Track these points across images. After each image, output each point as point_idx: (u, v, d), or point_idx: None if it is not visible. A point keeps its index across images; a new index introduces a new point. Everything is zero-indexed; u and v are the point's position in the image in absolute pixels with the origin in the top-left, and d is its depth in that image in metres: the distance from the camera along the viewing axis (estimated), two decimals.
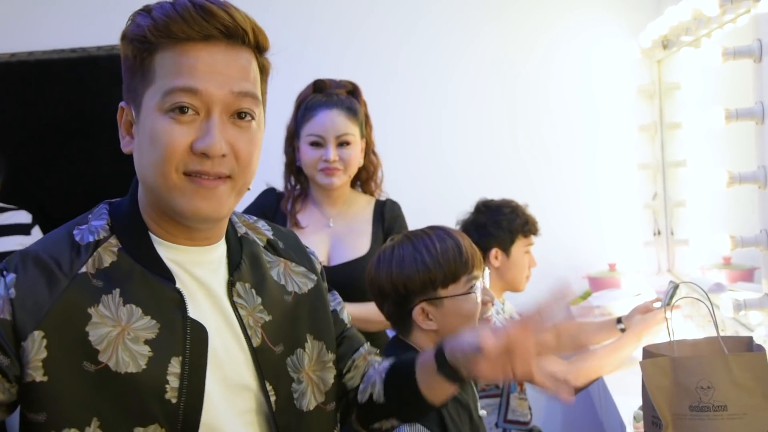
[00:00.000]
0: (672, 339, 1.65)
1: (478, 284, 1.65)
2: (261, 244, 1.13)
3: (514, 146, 3.42)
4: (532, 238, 2.45)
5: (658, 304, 2.36)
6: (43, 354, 0.91)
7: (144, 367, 0.94)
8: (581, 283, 3.37)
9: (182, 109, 0.96)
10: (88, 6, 3.49)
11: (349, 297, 2.07)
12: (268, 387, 1.04)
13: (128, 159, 1.07)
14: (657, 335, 2.27)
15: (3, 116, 3.59)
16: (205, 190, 0.96)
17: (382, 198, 2.22)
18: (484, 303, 1.66)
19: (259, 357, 1.03)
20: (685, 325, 2.43)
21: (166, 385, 0.96)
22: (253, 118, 1.02)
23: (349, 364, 1.18)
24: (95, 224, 1.01)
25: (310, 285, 1.14)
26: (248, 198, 2.17)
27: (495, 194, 2.53)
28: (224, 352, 1.01)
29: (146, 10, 1.00)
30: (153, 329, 0.96)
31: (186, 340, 0.97)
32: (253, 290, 1.07)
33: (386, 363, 1.15)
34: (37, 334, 0.91)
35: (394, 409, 1.12)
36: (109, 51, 3.50)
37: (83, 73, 3.55)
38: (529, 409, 2.52)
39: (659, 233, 3.37)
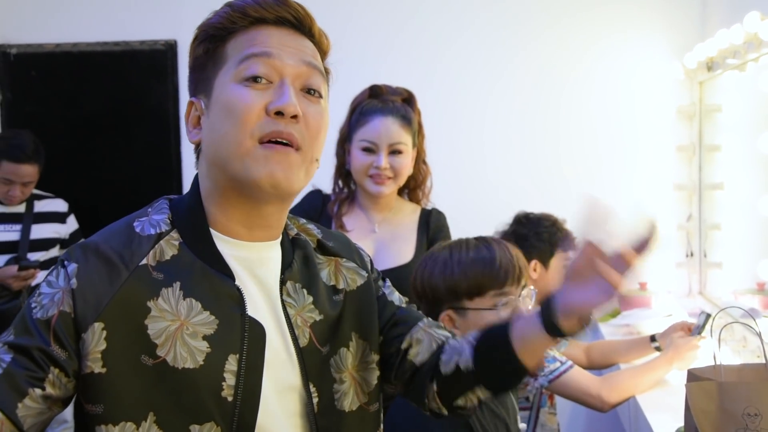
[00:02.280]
0: (718, 363, 1.64)
1: (505, 300, 1.62)
2: (312, 245, 1.12)
3: (552, 161, 3.43)
4: (570, 253, 2.45)
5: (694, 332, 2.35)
6: (103, 346, 0.91)
7: (201, 363, 0.93)
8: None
9: (256, 79, 0.98)
10: (133, 0, 3.53)
11: None
12: (312, 388, 1.02)
13: (162, 154, 1.07)
14: (690, 361, 2.26)
15: (45, 106, 3.64)
16: (279, 155, 0.96)
17: (428, 207, 2.21)
18: None
19: (305, 357, 1.02)
20: (720, 350, 2.41)
21: (223, 383, 0.94)
22: (321, 96, 1.04)
23: (409, 340, 1.12)
24: (156, 218, 1.00)
25: (360, 281, 1.13)
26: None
27: (532, 209, 2.53)
28: (276, 352, 1.00)
29: (225, 5, 1.04)
30: (212, 325, 0.95)
31: (244, 338, 0.96)
32: (304, 290, 1.06)
33: (475, 332, 1.11)
34: (97, 326, 0.91)
35: (485, 375, 1.05)
36: (151, 46, 3.54)
37: (125, 66, 3.59)
38: (558, 425, 2.51)
39: (692, 255, 3.36)
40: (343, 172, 2.14)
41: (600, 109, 3.40)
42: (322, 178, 2.22)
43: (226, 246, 1.00)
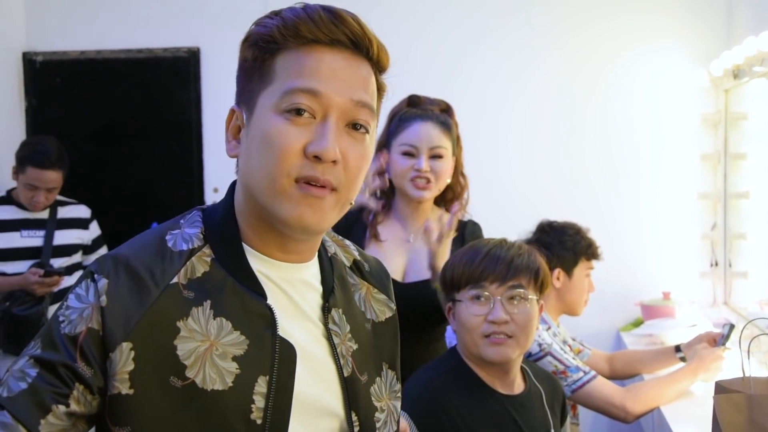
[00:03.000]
0: (747, 375, 1.62)
1: (481, 297, 1.65)
2: (347, 264, 1.10)
3: (577, 169, 3.42)
4: (593, 262, 2.42)
5: (719, 342, 2.32)
6: (131, 366, 0.89)
7: (231, 384, 0.91)
8: (633, 310, 3.33)
9: (299, 111, 0.93)
10: (157, 8, 3.56)
11: (421, 315, 2.07)
12: (354, 417, 1.01)
13: (184, 161, 1.01)
14: (715, 373, 2.23)
15: (69, 113, 3.67)
16: (313, 198, 0.93)
17: (465, 219, 2.20)
18: (490, 321, 1.64)
19: (349, 387, 1.01)
20: (747, 362, 2.38)
21: (252, 405, 0.92)
22: (367, 131, 0.98)
23: None
24: (189, 232, 0.97)
25: (389, 314, 1.13)
26: None
27: (556, 217, 2.51)
28: (312, 375, 0.98)
29: (275, 13, 0.98)
30: (242, 345, 0.93)
31: (274, 359, 0.94)
32: (344, 316, 1.04)
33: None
34: (126, 346, 0.88)
35: None
36: (174, 53, 3.57)
37: (148, 73, 3.61)
38: None
39: (716, 264, 3.32)
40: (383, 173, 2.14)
41: (625, 117, 3.38)
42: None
43: (258, 263, 0.97)
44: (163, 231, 0.97)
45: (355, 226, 2.12)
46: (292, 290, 0.99)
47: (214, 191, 3.59)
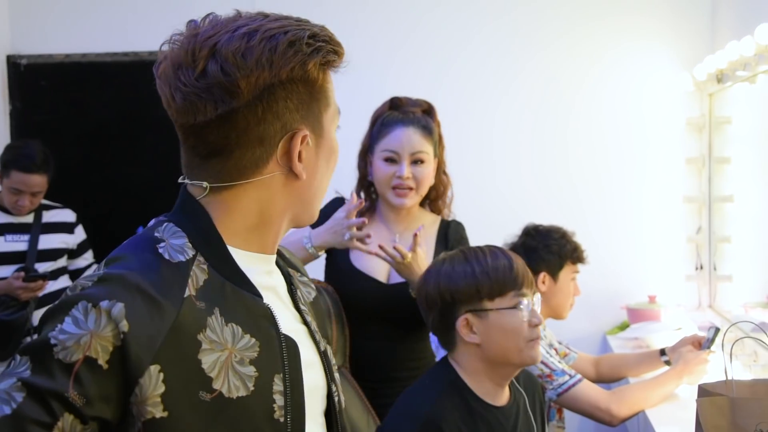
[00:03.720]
0: (729, 378, 1.63)
1: (526, 302, 1.63)
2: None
3: (561, 173, 3.43)
4: (579, 266, 2.43)
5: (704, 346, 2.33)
6: (162, 389, 0.87)
7: (252, 388, 0.92)
8: (619, 313, 3.34)
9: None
10: (142, 11, 3.55)
11: (404, 320, 2.08)
12: (334, 388, 1.06)
13: (171, 163, 1.00)
14: (699, 376, 2.24)
15: (55, 116, 3.65)
16: None
17: (449, 218, 2.21)
18: (533, 325, 1.63)
19: (325, 360, 1.06)
20: (731, 365, 2.39)
21: (274, 405, 0.94)
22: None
23: None
24: (176, 242, 0.95)
25: (314, 294, 1.14)
26: None
27: (541, 221, 2.52)
28: (305, 361, 1.00)
29: (313, 35, 1.01)
30: (254, 348, 0.94)
31: (283, 357, 0.96)
32: (302, 297, 1.08)
33: None
34: (154, 369, 0.87)
35: None
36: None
37: (133, 76, 3.59)
38: None
39: (701, 268, 3.34)
40: (365, 183, 2.15)
41: (609, 121, 3.40)
42: (346, 187, 2.23)
43: (244, 261, 0.98)
44: (151, 244, 0.95)
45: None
46: (271, 281, 1.02)
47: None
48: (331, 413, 1.06)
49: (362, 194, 2.16)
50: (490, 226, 2.82)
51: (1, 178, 2.98)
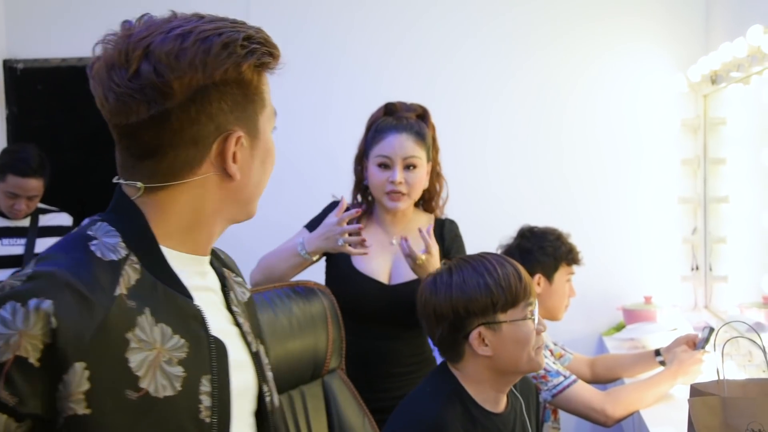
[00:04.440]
0: (721, 378, 1.63)
1: (535, 311, 1.64)
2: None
3: (556, 175, 3.43)
4: (574, 267, 2.44)
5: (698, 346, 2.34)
6: (86, 386, 0.87)
7: (180, 389, 0.93)
8: (615, 314, 3.35)
9: None
10: (138, 15, 3.55)
11: (405, 320, 2.10)
12: (265, 389, 1.07)
13: None
14: (694, 376, 2.25)
15: (51, 120, 3.66)
16: None
17: (442, 217, 2.25)
18: (539, 332, 1.64)
19: (256, 361, 1.07)
20: (725, 365, 2.40)
21: (200, 405, 0.95)
22: None
23: None
24: (110, 241, 0.95)
25: (248, 294, 1.15)
26: (313, 210, 2.22)
27: (536, 222, 2.53)
28: (234, 362, 1.02)
29: (249, 37, 1.00)
30: (183, 348, 0.94)
31: (212, 358, 0.97)
32: (236, 298, 1.09)
33: None
34: (79, 366, 0.86)
35: None
36: None
37: None
38: None
39: (697, 268, 3.35)
40: (361, 187, 2.21)
41: (604, 122, 3.40)
42: (345, 191, 2.25)
43: (177, 262, 0.99)
44: (83, 242, 0.95)
45: None
46: (204, 282, 1.03)
47: None
48: (262, 413, 1.07)
49: (359, 198, 2.21)
50: (486, 228, 2.83)
51: None
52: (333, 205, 2.20)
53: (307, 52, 3.48)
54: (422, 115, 2.19)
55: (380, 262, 2.12)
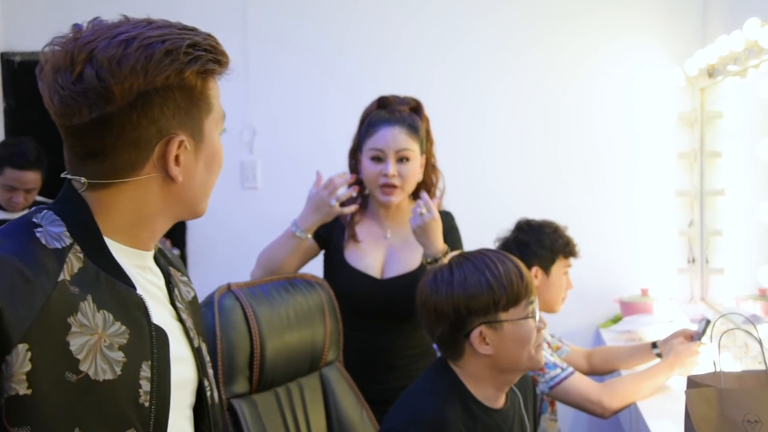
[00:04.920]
0: (718, 370, 1.64)
1: (536, 309, 1.63)
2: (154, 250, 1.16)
3: (553, 168, 3.44)
4: (571, 260, 2.45)
5: (695, 338, 2.35)
6: (27, 367, 0.90)
7: (119, 373, 0.96)
8: (612, 306, 3.36)
9: None
10: (134, 9, 3.53)
11: (399, 313, 2.11)
12: (206, 383, 1.11)
13: None
14: (690, 367, 2.26)
15: (49, 113, 3.64)
16: None
17: (438, 210, 2.24)
18: (538, 329, 1.63)
19: (197, 357, 1.10)
20: (721, 356, 2.41)
21: (140, 390, 0.98)
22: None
23: None
24: (54, 230, 0.98)
25: (193, 293, 1.19)
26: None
27: (533, 216, 2.53)
28: (175, 353, 1.05)
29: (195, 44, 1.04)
30: (124, 335, 0.98)
31: (153, 345, 1.01)
32: (180, 295, 1.13)
33: None
34: (22, 347, 0.89)
35: None
36: None
37: None
38: (559, 431, 2.51)
39: (694, 261, 3.36)
40: (356, 181, 2.19)
41: (601, 116, 3.41)
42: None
43: (120, 255, 1.02)
44: (29, 228, 0.98)
45: (335, 227, 2.16)
46: (146, 276, 1.07)
47: None
48: (202, 407, 1.10)
49: (354, 192, 2.20)
50: (483, 222, 2.83)
51: None
52: None
53: (304, 49, 3.48)
54: (416, 107, 2.19)
55: (373, 256, 2.13)
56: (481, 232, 2.50)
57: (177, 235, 3.55)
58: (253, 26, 3.48)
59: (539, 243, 2.35)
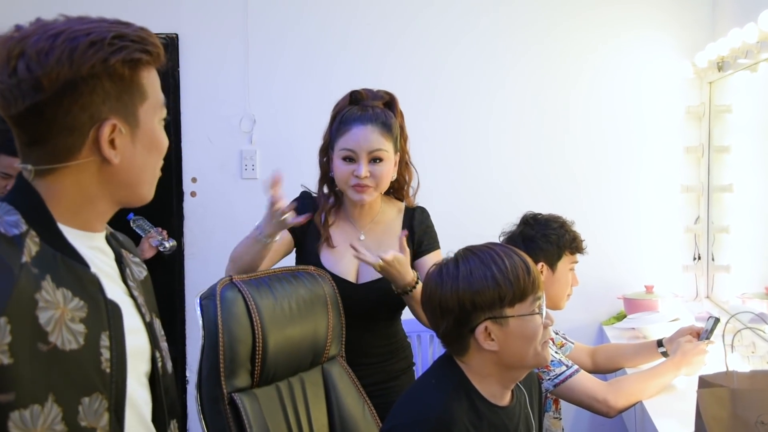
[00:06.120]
0: (730, 370, 1.61)
1: (543, 305, 1.59)
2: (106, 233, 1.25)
3: (559, 162, 3.40)
4: (577, 256, 2.40)
5: (702, 336, 2.31)
6: (9, 338, 1.00)
7: (83, 343, 1.06)
8: (615, 303, 3.32)
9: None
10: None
11: (375, 315, 2.06)
12: (157, 355, 1.22)
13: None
14: (698, 366, 2.22)
15: None
16: None
17: (413, 206, 2.20)
18: (545, 326, 1.59)
19: (150, 331, 1.21)
20: (729, 356, 2.38)
21: (101, 357, 1.09)
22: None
23: None
24: (10, 219, 1.08)
25: (145, 273, 1.29)
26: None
27: (538, 210, 2.49)
28: (129, 326, 1.15)
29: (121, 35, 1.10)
30: (83, 309, 1.08)
31: (108, 317, 1.11)
32: (132, 275, 1.24)
33: None
34: (3, 320, 1.00)
35: None
36: None
37: None
38: (562, 430, 2.47)
39: (699, 258, 3.32)
40: (327, 179, 2.14)
41: (608, 109, 3.37)
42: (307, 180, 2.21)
43: (72, 237, 1.12)
44: None
45: (309, 227, 2.10)
46: (98, 256, 1.17)
47: (192, 181, 3.54)
48: (154, 376, 1.22)
49: (325, 189, 2.15)
50: (489, 216, 2.80)
51: None
52: (302, 197, 2.16)
53: (306, 40, 3.44)
54: (389, 102, 2.11)
55: (348, 260, 2.06)
56: (486, 227, 2.45)
57: (175, 224, 3.51)
58: (254, 16, 3.44)
59: (545, 238, 2.30)
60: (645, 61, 3.32)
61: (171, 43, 3.49)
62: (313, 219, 2.10)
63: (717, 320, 2.30)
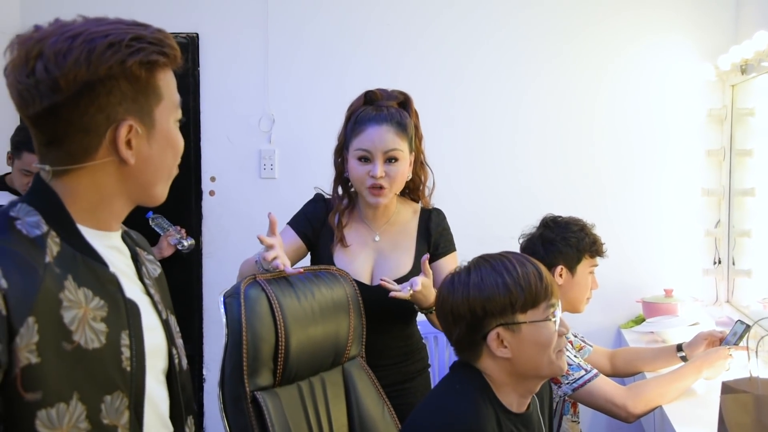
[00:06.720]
0: (753, 376, 1.59)
1: (557, 312, 1.57)
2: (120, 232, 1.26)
3: (581, 164, 3.39)
4: (597, 259, 2.38)
5: (727, 340, 2.29)
6: (36, 338, 1.02)
7: (104, 342, 1.08)
8: (634, 307, 3.30)
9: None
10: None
11: (389, 316, 2.05)
12: (174, 351, 1.23)
13: None
14: (719, 371, 2.20)
15: None
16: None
17: (429, 207, 2.19)
18: (560, 334, 1.57)
19: (166, 328, 1.23)
20: (752, 361, 2.35)
21: (122, 356, 1.10)
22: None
23: None
24: (31, 220, 1.10)
25: (159, 270, 1.30)
26: (297, 203, 2.17)
27: (558, 212, 2.48)
28: (149, 323, 1.18)
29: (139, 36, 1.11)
30: (104, 308, 1.10)
31: (128, 316, 1.12)
32: (147, 272, 1.25)
33: None
34: (31, 320, 1.01)
35: None
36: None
37: None
38: None
39: (720, 262, 3.29)
40: (342, 179, 2.13)
41: (630, 112, 3.35)
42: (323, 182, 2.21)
43: (89, 237, 1.13)
44: (9, 222, 1.09)
45: (323, 230, 2.10)
46: (116, 255, 1.18)
47: (211, 180, 3.55)
48: (171, 372, 1.23)
49: (340, 190, 2.14)
50: (509, 217, 2.80)
51: (11, 159, 2.95)
52: (315, 199, 2.16)
53: (324, 40, 3.45)
54: (404, 102, 2.10)
55: (362, 261, 2.06)
56: (506, 229, 2.46)
57: (193, 223, 3.52)
58: (273, 17, 3.44)
59: (565, 241, 2.28)
60: (667, 65, 3.30)
61: (191, 42, 3.50)
62: (326, 221, 2.10)
63: (748, 327, 2.26)
